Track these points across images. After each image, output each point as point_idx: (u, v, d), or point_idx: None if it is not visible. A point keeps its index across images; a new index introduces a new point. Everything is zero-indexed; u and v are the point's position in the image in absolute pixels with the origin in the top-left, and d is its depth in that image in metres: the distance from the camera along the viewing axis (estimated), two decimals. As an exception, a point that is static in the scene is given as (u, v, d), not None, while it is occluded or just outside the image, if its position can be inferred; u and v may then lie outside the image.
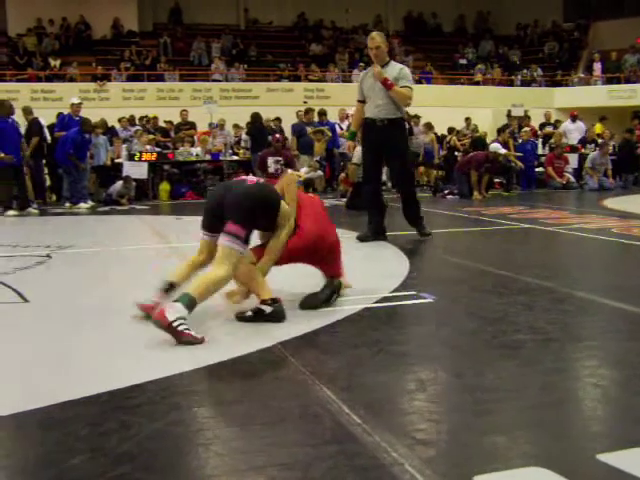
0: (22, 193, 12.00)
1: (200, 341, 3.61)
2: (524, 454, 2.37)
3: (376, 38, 7.38)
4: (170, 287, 4.09)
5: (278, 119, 16.94)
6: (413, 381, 3.11)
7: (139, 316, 3.99)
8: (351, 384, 3.04)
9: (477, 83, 23.36)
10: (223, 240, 3.93)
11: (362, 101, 7.51)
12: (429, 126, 16.63)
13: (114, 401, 2.90)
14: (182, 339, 3.58)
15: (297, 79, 21.63)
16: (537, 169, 16.10)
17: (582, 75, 23.58)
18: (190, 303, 3.68)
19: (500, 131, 15.82)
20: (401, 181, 7.80)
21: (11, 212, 11.63)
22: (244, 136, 15.83)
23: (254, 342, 3.66)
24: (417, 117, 16.69)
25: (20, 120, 12.71)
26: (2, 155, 11.33)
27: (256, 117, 15.38)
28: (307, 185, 12.45)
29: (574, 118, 17.74)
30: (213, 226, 4.14)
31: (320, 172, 12.50)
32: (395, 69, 7.38)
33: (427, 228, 7.74)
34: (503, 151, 13.71)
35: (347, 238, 7.63)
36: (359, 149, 11.66)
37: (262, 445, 2.45)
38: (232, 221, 3.92)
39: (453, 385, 3.14)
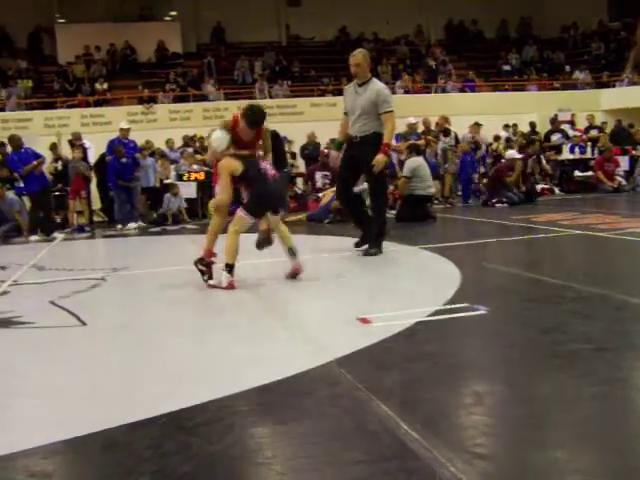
0: (47, 218, 12.32)
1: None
2: (582, 469, 2.36)
3: (357, 56, 7.51)
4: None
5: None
6: (469, 395, 3.11)
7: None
8: (407, 399, 3.05)
9: (521, 89, 23.10)
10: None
11: (347, 114, 7.69)
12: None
13: (173, 422, 2.95)
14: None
15: (341, 93, 21.62)
16: (586, 173, 15.90)
17: (630, 75, 23.16)
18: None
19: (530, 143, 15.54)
20: (373, 196, 7.85)
21: (34, 237, 11.86)
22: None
23: (309, 360, 3.70)
24: (478, 124, 16.52)
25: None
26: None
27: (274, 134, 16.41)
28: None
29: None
30: None
31: (365, 185, 12.48)
32: (373, 91, 7.37)
33: (380, 249, 7.50)
34: (518, 156, 14.03)
35: (395, 251, 7.65)
36: (410, 161, 11.70)
37: (321, 463, 2.47)
38: None
39: (509, 398, 3.13)
